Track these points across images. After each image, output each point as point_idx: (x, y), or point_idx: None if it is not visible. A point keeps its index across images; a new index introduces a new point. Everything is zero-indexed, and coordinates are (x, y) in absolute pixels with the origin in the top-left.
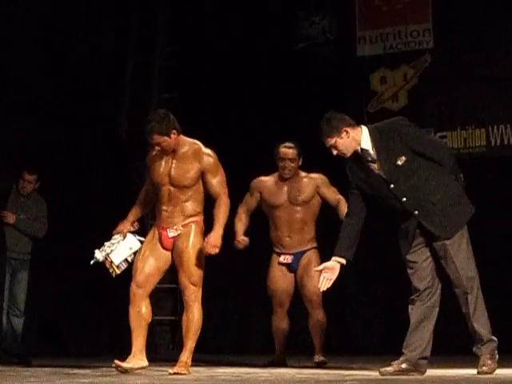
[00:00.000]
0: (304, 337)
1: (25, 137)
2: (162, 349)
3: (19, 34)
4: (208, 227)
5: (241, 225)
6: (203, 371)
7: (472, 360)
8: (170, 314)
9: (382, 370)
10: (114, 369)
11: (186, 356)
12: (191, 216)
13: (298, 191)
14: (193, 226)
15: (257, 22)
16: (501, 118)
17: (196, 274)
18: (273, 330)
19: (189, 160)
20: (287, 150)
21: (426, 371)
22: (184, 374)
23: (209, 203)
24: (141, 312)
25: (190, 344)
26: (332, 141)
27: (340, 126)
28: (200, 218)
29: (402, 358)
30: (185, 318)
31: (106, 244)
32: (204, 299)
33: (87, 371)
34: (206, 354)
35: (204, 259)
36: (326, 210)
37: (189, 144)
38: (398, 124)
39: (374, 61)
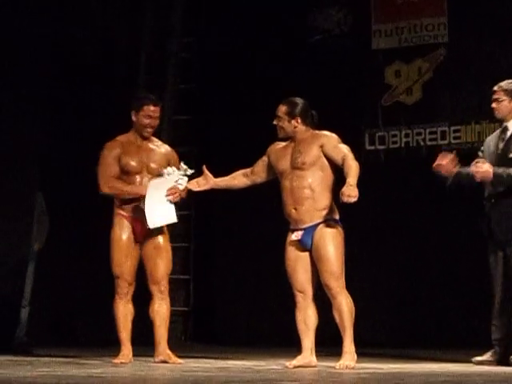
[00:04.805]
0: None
1: (39, 132)
2: (174, 340)
3: (32, 25)
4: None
5: (228, 177)
6: (214, 363)
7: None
8: (182, 304)
9: None
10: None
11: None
12: None
13: (299, 152)
14: None
15: (273, 14)
16: None
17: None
18: (297, 324)
19: (160, 153)
20: (279, 106)
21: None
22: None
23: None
24: (129, 307)
25: (165, 334)
26: (501, 97)
27: None
28: None
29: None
30: (157, 309)
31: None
32: (215, 292)
33: (98, 361)
34: (217, 346)
35: None
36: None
37: (161, 144)
38: None
39: (388, 54)
